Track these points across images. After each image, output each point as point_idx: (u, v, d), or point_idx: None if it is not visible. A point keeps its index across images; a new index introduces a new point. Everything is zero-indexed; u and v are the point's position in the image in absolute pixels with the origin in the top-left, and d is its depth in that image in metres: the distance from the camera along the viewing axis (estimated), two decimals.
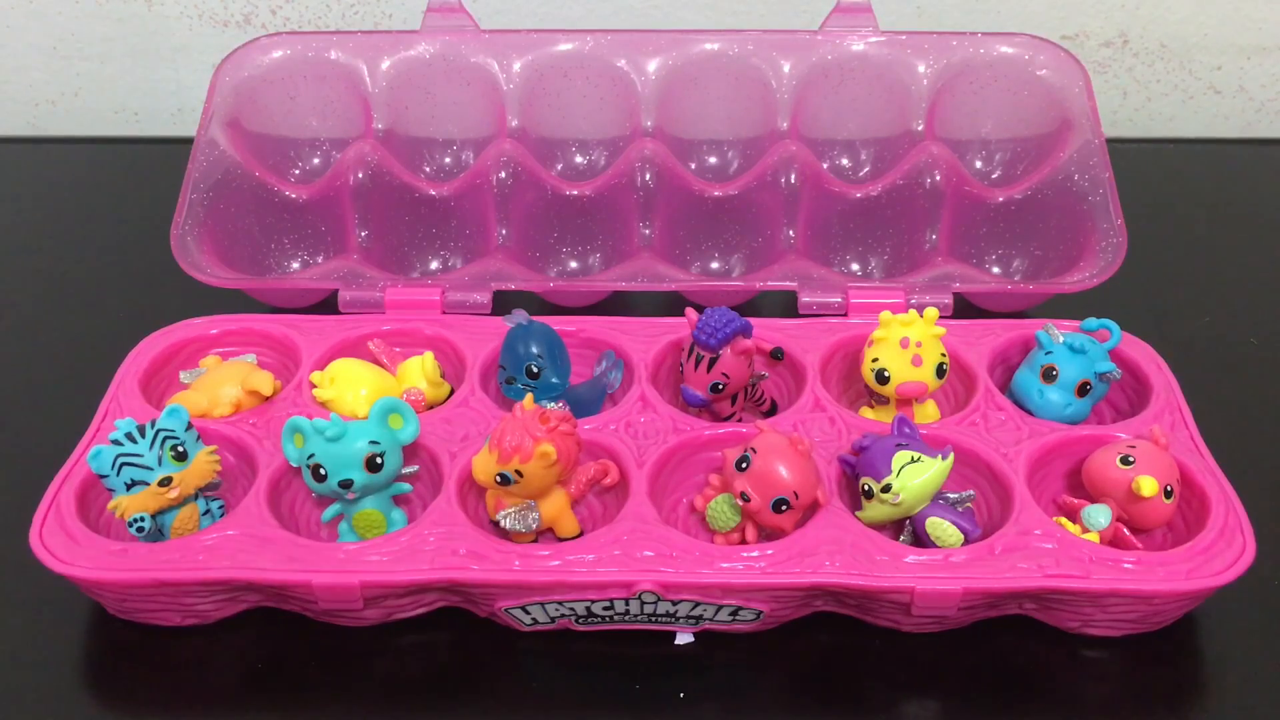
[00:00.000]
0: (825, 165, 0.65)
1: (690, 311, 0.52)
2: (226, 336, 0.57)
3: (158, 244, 0.60)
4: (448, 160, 0.67)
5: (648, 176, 0.61)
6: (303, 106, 0.65)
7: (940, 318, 0.53)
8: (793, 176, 0.61)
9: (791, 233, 0.62)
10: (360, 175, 0.62)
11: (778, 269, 0.60)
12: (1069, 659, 0.47)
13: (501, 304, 0.58)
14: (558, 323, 0.55)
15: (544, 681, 0.47)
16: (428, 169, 0.66)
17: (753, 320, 0.52)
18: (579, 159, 0.67)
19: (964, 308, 0.60)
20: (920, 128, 0.64)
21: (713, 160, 0.67)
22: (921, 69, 0.64)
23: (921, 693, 0.46)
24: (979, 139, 0.66)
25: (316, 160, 0.67)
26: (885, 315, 0.53)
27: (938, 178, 0.62)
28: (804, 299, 0.59)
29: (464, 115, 0.65)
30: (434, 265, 0.64)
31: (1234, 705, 0.46)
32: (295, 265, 0.64)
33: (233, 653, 0.48)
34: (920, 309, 0.53)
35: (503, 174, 0.62)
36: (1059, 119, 0.63)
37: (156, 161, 0.77)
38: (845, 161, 0.67)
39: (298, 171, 0.66)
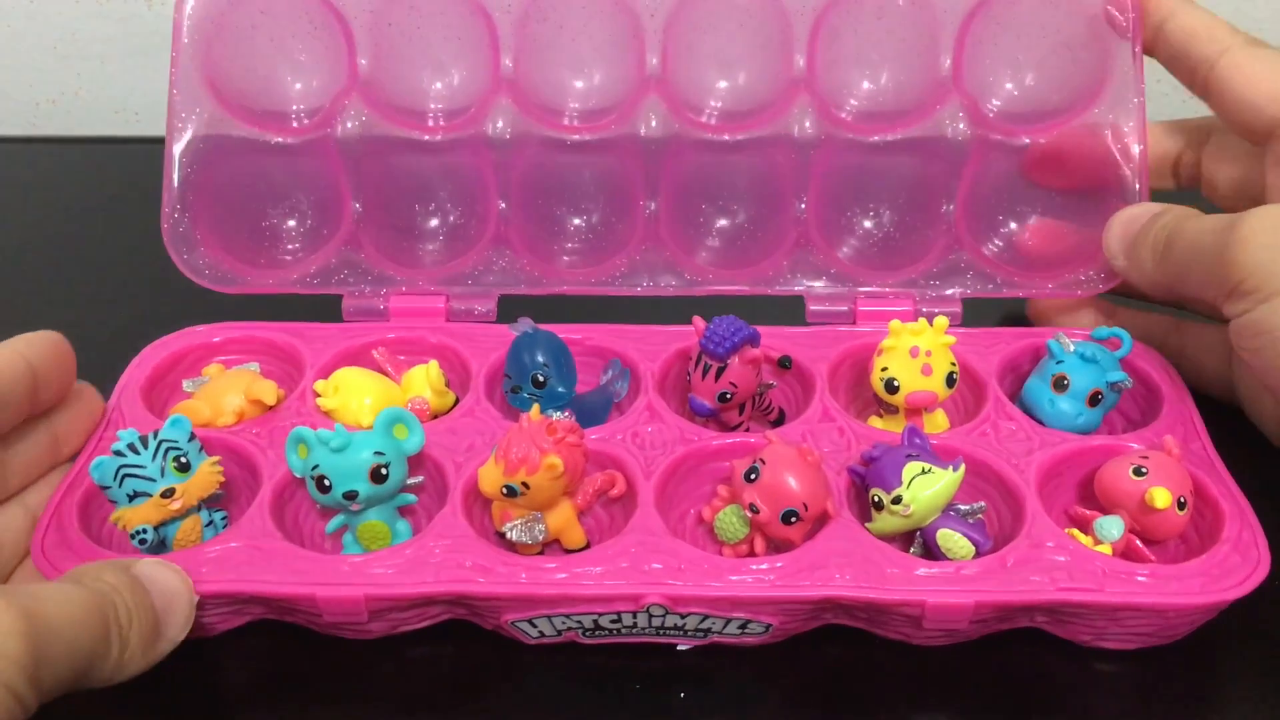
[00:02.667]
0: (833, 165, 0.64)
1: (698, 320, 0.51)
2: (229, 344, 0.57)
3: (158, 246, 0.60)
4: (449, 159, 0.66)
5: (656, 185, 0.61)
6: (284, 68, 0.63)
7: (950, 326, 0.53)
8: (803, 184, 0.61)
9: (800, 240, 0.61)
10: (360, 172, 0.61)
11: (786, 276, 0.59)
12: (1082, 672, 0.47)
13: (506, 312, 0.58)
14: (563, 331, 0.55)
15: (550, 695, 0.46)
16: (429, 169, 0.66)
17: (760, 329, 0.52)
18: (586, 170, 0.66)
19: (973, 314, 0.60)
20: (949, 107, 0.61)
21: (725, 169, 0.66)
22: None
23: (932, 706, 0.46)
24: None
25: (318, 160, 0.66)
26: (895, 324, 0.52)
27: (948, 180, 0.61)
28: (812, 307, 0.58)
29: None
30: (439, 273, 0.64)
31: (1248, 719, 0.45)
32: (296, 274, 0.63)
33: (237, 665, 0.47)
34: (930, 318, 0.52)
35: (507, 178, 0.61)
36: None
37: (157, 162, 0.76)
38: (852, 161, 0.66)
39: (299, 171, 0.66)
